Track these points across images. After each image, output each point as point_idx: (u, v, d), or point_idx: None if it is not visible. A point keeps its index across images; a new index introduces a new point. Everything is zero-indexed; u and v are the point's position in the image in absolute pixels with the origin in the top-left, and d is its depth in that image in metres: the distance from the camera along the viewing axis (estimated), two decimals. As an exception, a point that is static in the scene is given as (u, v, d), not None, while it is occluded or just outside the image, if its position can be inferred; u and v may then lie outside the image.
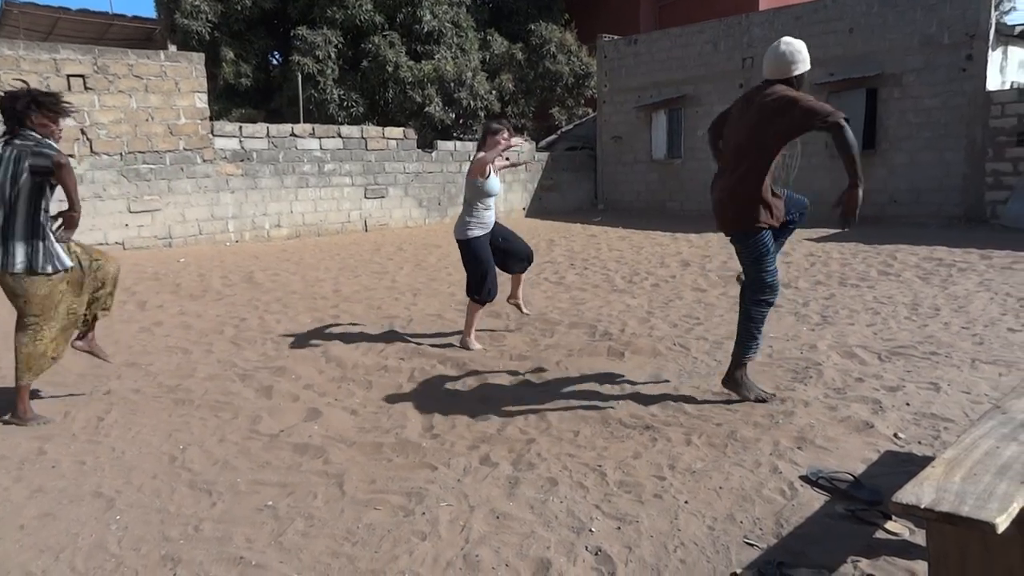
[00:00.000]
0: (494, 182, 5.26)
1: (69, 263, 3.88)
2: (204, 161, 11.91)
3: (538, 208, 16.98)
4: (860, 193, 3.46)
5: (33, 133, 3.77)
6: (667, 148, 16.60)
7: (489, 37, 18.94)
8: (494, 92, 18.00)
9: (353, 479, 3.13)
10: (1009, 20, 17.56)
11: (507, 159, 5.32)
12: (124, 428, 3.85)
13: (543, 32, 18.81)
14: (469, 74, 17.14)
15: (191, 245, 11.72)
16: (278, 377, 4.71)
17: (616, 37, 17.75)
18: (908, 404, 3.79)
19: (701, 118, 15.71)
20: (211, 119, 12.29)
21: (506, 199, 16.13)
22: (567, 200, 17.70)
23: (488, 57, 18.77)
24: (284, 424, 3.87)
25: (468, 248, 5.19)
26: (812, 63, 3.89)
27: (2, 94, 3.82)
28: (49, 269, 3.79)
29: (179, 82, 11.55)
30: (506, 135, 5.23)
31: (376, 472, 3.22)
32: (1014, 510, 1.59)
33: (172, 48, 16.22)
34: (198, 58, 11.94)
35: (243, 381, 4.65)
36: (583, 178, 18.24)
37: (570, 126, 19.70)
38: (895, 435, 3.40)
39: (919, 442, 3.32)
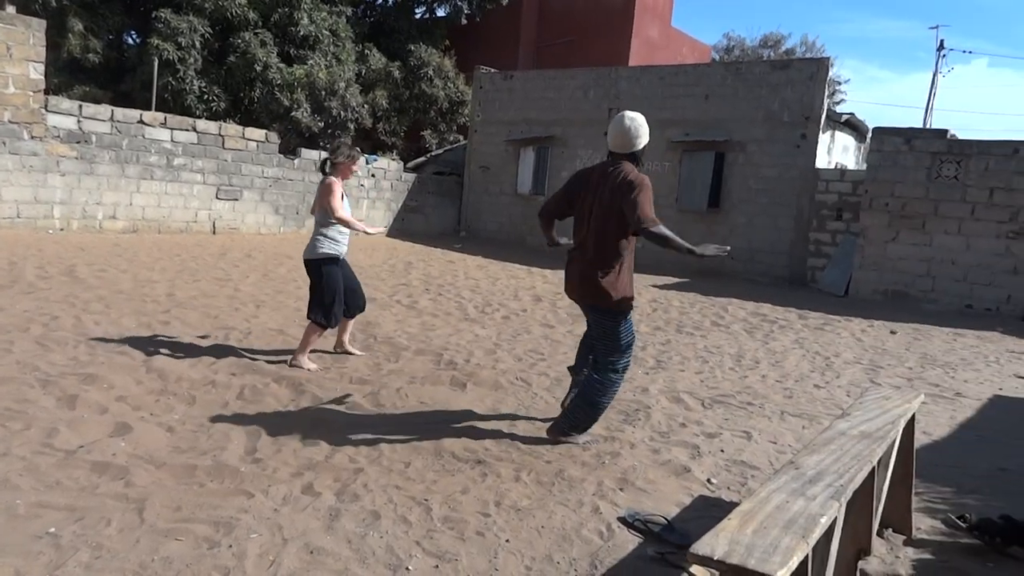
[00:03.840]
0: (346, 206, 5.09)
1: None
2: (32, 137, 10.77)
3: (400, 229, 16.83)
4: (703, 252, 3.64)
5: None
6: (532, 184, 17.04)
7: (367, 51, 18.70)
8: (366, 106, 17.73)
9: (156, 505, 2.87)
10: (839, 108, 19.76)
11: (363, 231, 5.20)
12: None
13: (422, 54, 18.85)
14: (342, 84, 16.78)
15: (5, 228, 10.50)
16: (87, 385, 4.27)
17: (493, 70, 18.11)
18: (723, 451, 4.05)
19: (566, 159, 16.31)
20: (47, 93, 11.16)
21: (368, 216, 15.84)
22: (430, 223, 17.67)
23: (364, 71, 18.50)
24: (85, 439, 3.50)
25: (319, 270, 5.05)
26: (671, 124, 4.11)
27: None
28: None
29: (12, 47, 10.42)
30: (358, 163, 5.13)
31: (184, 498, 2.97)
32: (793, 563, 1.72)
33: (10, 9, 14.63)
34: (38, 24, 10.86)
35: (44, 387, 4.17)
36: (448, 203, 18.31)
37: (440, 151, 19.78)
38: (708, 480, 3.61)
39: (728, 488, 3.54)
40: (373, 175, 16.27)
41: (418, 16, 21.43)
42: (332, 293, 5.03)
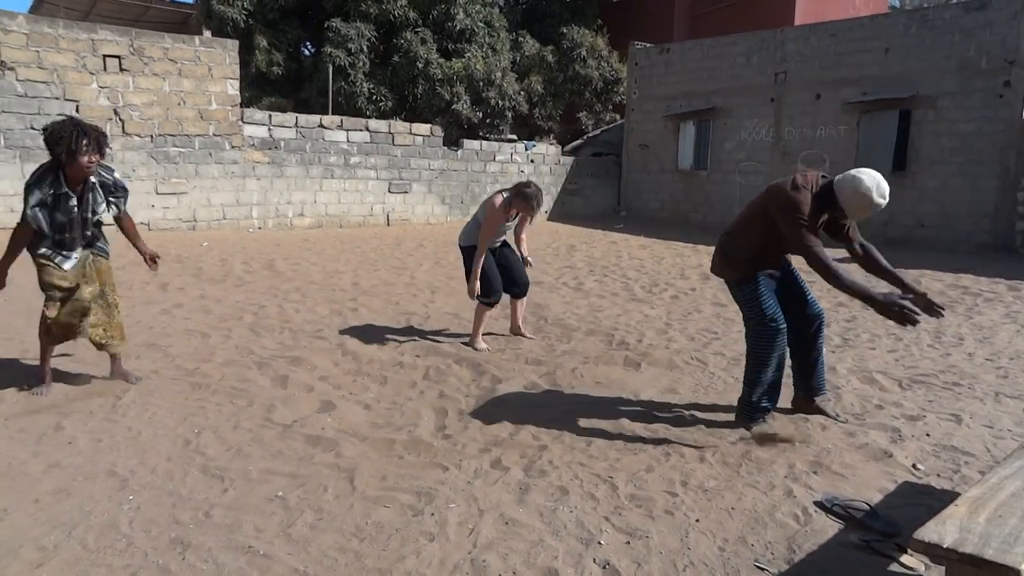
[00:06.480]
0: (503, 227, 5.39)
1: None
2: (232, 147, 12.02)
3: (560, 212, 16.95)
4: (882, 305, 3.44)
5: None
6: (693, 159, 16.50)
7: (520, 38, 18.94)
8: (523, 93, 17.99)
9: (364, 474, 3.14)
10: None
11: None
12: (141, 409, 3.89)
13: (575, 36, 18.77)
14: (499, 74, 17.14)
15: (214, 230, 11.83)
16: (294, 367, 4.73)
17: (648, 45, 17.67)
18: (928, 435, 3.73)
19: (729, 131, 15.62)
20: (242, 106, 12.40)
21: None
22: (590, 206, 17.66)
23: (518, 58, 18.77)
24: (298, 414, 3.89)
25: (470, 254, 5.33)
26: (847, 83, 3.80)
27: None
28: None
29: (212, 68, 11.66)
30: (533, 213, 5.27)
31: (387, 469, 3.21)
32: (1039, 555, 1.56)
33: (207, 34, 16.36)
34: (232, 45, 12.05)
35: (260, 369, 4.67)
36: (607, 184, 18.18)
37: (597, 131, 19.64)
38: (914, 466, 3.34)
39: (938, 475, 3.26)
40: (532, 161, 16.51)
41: (569, -2, 21.34)
42: (485, 272, 5.23)
